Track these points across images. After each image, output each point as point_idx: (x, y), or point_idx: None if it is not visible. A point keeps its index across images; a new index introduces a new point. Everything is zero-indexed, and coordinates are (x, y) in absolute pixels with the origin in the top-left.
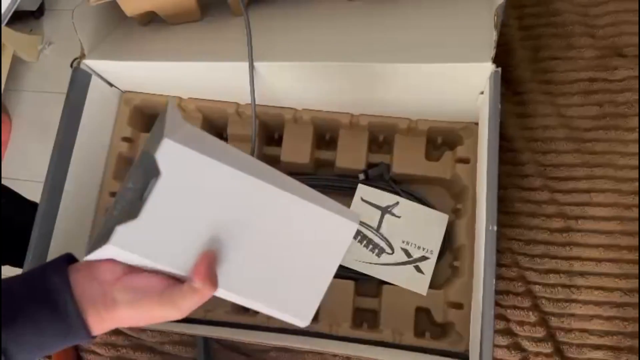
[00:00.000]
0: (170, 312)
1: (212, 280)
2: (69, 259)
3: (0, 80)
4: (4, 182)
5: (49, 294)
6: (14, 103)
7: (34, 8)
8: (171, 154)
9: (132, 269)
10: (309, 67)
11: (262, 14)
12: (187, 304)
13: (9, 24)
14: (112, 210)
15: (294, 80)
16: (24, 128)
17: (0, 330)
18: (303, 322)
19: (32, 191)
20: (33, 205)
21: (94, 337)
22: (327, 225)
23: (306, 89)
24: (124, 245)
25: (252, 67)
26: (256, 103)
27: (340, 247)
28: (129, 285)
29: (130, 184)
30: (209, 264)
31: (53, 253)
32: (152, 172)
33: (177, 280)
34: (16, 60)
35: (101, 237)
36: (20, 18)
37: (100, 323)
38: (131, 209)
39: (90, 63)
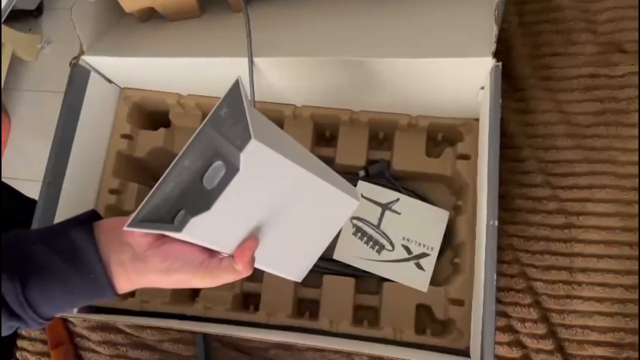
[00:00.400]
0: (205, 282)
1: (252, 264)
2: (93, 215)
3: None
4: (4, 181)
5: (75, 252)
6: (13, 102)
7: (32, 7)
8: (255, 154)
9: (165, 236)
10: (309, 63)
11: (262, 10)
12: (224, 278)
13: (7, 23)
14: (163, 185)
15: (293, 76)
16: (24, 127)
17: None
18: (298, 279)
19: (33, 190)
20: (34, 203)
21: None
22: (334, 201)
23: (306, 84)
24: (193, 234)
25: (251, 63)
26: (255, 99)
27: (340, 221)
28: (165, 254)
29: (187, 162)
30: (253, 250)
31: None
32: (213, 157)
33: (212, 252)
34: (15, 60)
35: (155, 209)
36: (19, 17)
37: (127, 283)
38: (196, 194)
39: (89, 59)
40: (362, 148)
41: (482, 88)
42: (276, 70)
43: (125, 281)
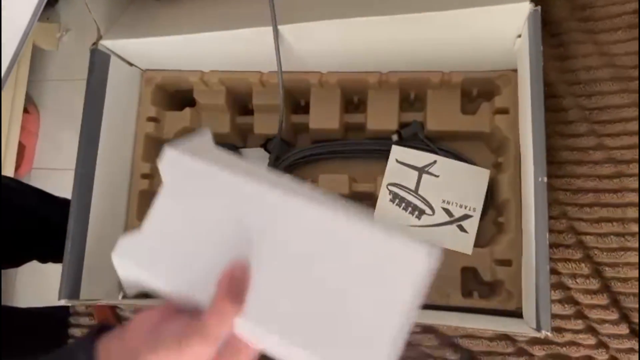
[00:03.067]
0: (195, 345)
1: (234, 295)
2: (99, 330)
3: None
4: (41, 172)
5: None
6: (40, 93)
7: None
8: (174, 162)
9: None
10: (333, 26)
11: None
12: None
13: None
14: None
15: (317, 42)
16: (53, 117)
17: None
18: None
19: (70, 180)
20: (62, 201)
21: None
22: (384, 252)
23: (331, 49)
24: (125, 259)
25: (276, 31)
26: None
27: (405, 284)
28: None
29: None
30: (232, 275)
31: (91, 240)
32: None
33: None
34: (36, 51)
35: None
36: None
37: None
38: None
39: (107, 43)
40: (393, 111)
41: (519, 36)
42: (300, 38)
43: None
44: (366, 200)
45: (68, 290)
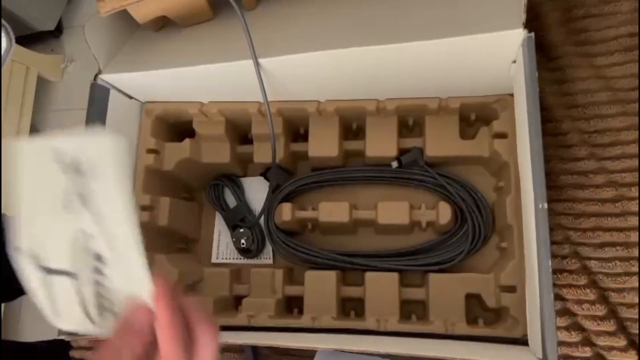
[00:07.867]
0: None
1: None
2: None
3: None
4: None
5: None
6: (44, 124)
7: (52, 27)
8: None
9: None
10: (328, 56)
11: (275, 7)
12: None
13: (29, 46)
14: None
15: (314, 72)
16: None
17: None
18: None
19: None
20: None
21: None
22: None
23: (327, 79)
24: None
25: (257, 64)
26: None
27: None
28: None
29: None
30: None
31: None
32: None
33: None
34: (41, 81)
35: None
36: (40, 39)
37: None
38: None
39: (107, 77)
40: (392, 137)
41: (514, 62)
42: (296, 68)
43: None
44: (367, 226)
45: None
